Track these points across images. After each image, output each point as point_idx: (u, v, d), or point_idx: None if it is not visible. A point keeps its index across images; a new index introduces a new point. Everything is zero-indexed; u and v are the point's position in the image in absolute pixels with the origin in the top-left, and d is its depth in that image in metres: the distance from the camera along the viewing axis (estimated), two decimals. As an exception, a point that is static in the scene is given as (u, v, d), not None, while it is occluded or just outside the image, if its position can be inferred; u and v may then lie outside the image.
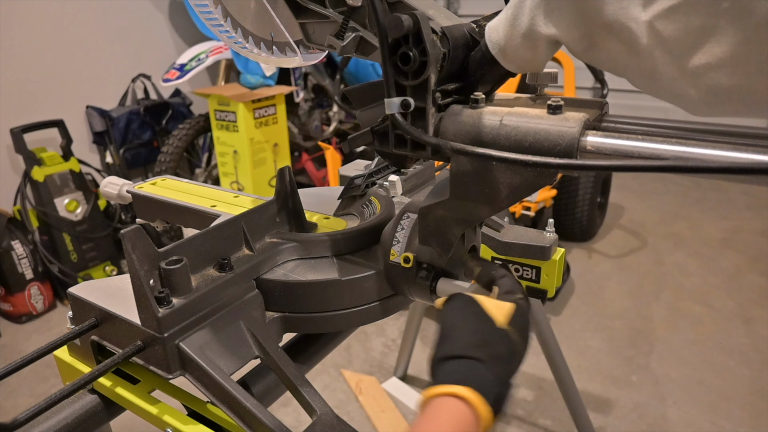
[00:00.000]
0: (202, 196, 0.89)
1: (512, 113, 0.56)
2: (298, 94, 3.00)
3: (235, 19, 0.75)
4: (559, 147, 0.52)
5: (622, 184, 3.71)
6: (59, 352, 0.70)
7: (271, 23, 0.74)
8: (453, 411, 0.42)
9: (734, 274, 2.65)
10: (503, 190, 0.56)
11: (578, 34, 0.51)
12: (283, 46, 0.76)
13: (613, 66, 0.52)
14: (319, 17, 0.69)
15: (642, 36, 0.47)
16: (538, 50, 0.55)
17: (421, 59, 0.56)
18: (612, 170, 0.50)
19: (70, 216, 2.61)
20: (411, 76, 0.58)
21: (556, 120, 0.53)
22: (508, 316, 0.50)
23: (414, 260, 0.67)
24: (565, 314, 2.40)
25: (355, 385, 2.00)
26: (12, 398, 2.01)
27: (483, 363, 0.45)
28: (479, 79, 0.61)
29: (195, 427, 0.58)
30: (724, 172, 0.42)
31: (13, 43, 2.61)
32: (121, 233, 0.54)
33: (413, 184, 0.91)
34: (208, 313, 0.60)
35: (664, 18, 0.45)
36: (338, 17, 0.67)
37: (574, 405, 1.58)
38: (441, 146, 0.56)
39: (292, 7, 0.71)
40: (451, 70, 0.60)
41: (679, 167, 0.44)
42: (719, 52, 0.44)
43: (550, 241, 0.95)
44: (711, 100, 0.47)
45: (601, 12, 0.48)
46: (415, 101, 0.58)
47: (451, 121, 0.59)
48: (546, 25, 0.52)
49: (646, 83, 0.51)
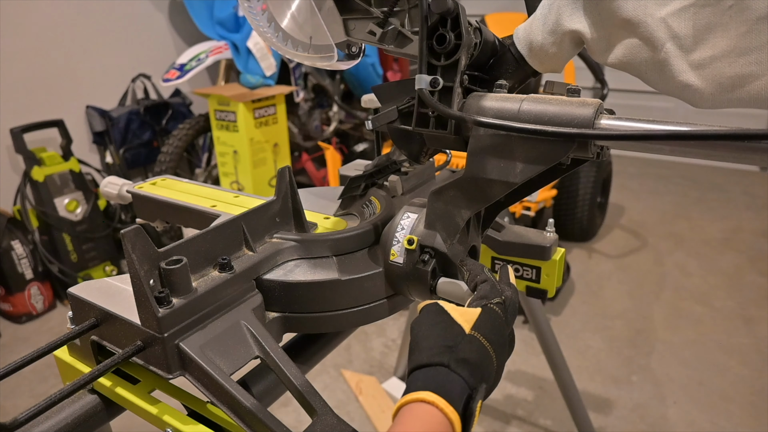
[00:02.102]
0: (202, 196, 0.89)
1: (531, 98, 0.60)
2: (298, 94, 3.00)
3: (273, 16, 0.77)
4: (576, 121, 0.56)
5: (622, 184, 3.71)
6: (59, 352, 0.70)
7: (311, 23, 0.76)
8: (420, 415, 0.44)
9: (734, 274, 2.66)
10: (519, 165, 0.59)
11: (599, 34, 0.58)
12: (320, 47, 0.77)
13: (629, 60, 0.57)
14: (363, 14, 0.73)
15: (656, 30, 0.53)
16: (562, 46, 0.61)
17: (456, 42, 0.61)
18: (628, 139, 0.53)
19: (70, 216, 2.61)
20: (443, 57, 0.62)
21: (574, 101, 0.57)
22: (472, 322, 0.51)
23: (418, 243, 0.67)
24: (565, 314, 2.40)
25: (355, 385, 2.00)
26: (12, 398, 2.02)
27: (448, 367, 0.47)
28: (503, 78, 0.66)
29: (195, 427, 0.58)
30: (732, 139, 0.47)
31: (13, 43, 2.61)
32: (121, 233, 0.54)
33: (413, 184, 0.91)
34: (208, 313, 0.60)
35: (676, 16, 0.52)
36: (380, 15, 0.71)
37: (574, 405, 1.58)
38: (464, 118, 0.60)
39: (338, 3, 0.74)
40: (480, 60, 0.65)
41: (691, 134, 0.49)
42: (723, 45, 0.51)
43: (550, 241, 0.95)
44: (716, 90, 0.53)
45: (621, 9, 0.54)
46: (444, 82, 0.62)
47: (474, 102, 0.63)
48: (571, 20, 0.59)
49: (657, 77, 0.56)
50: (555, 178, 0.68)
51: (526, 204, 2.49)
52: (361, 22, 0.73)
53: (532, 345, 2.12)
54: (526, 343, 2.16)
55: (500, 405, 1.91)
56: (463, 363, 0.47)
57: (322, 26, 0.73)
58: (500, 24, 2.73)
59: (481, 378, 0.48)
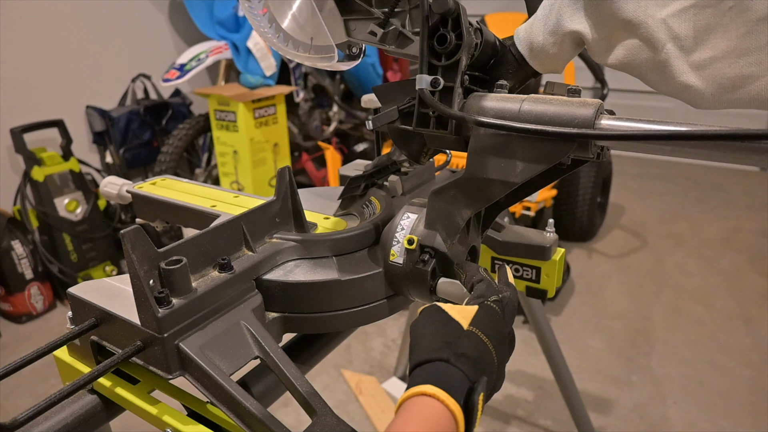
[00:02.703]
0: (202, 196, 0.89)
1: (532, 98, 0.60)
2: (298, 94, 3.00)
3: (274, 17, 0.76)
4: (577, 121, 0.56)
5: (622, 184, 3.71)
6: (59, 352, 0.70)
7: (312, 23, 0.76)
8: (421, 408, 0.44)
9: (734, 274, 2.65)
10: (519, 165, 0.59)
11: (599, 35, 0.58)
12: (321, 48, 0.77)
13: (630, 61, 0.57)
14: (364, 14, 0.73)
15: (657, 31, 0.53)
16: (563, 47, 0.61)
17: (457, 42, 0.61)
18: (628, 139, 0.53)
19: (70, 216, 2.61)
20: (444, 57, 0.62)
21: (574, 102, 0.57)
22: (470, 318, 0.52)
23: (418, 243, 0.67)
24: (565, 314, 2.40)
25: (355, 385, 2.00)
26: (12, 398, 2.02)
27: (448, 362, 0.47)
28: (504, 79, 0.66)
29: (195, 427, 0.58)
30: (734, 139, 0.47)
31: (13, 43, 2.61)
32: (121, 233, 0.54)
33: (413, 184, 0.91)
34: (208, 313, 0.60)
35: (677, 17, 0.52)
36: (381, 15, 0.71)
37: (575, 405, 1.58)
38: (465, 118, 0.60)
39: (339, 3, 0.74)
40: (480, 61, 0.65)
41: (692, 134, 0.49)
42: (724, 45, 0.51)
43: (550, 241, 0.95)
44: (716, 91, 0.53)
45: (622, 10, 0.54)
46: (445, 82, 0.62)
47: (475, 102, 0.63)
48: (571, 21, 0.58)
49: (658, 77, 0.56)
50: (555, 178, 0.68)
51: (526, 204, 2.49)
52: (362, 23, 0.73)
53: (532, 345, 2.12)
54: (526, 343, 2.16)
55: (500, 405, 1.91)
56: (463, 357, 0.48)
57: (322, 27, 0.73)
58: (500, 24, 2.73)
59: (481, 371, 0.48)
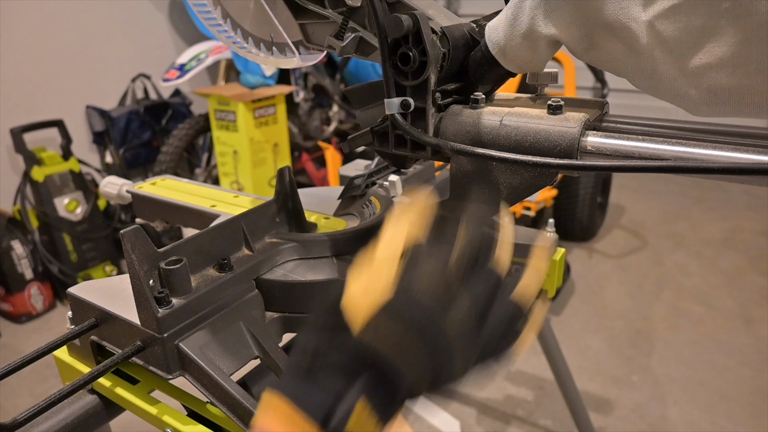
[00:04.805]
0: (202, 196, 0.89)
1: (512, 113, 0.56)
2: (298, 94, 3.00)
3: (234, 20, 0.75)
4: (560, 147, 0.52)
5: (622, 184, 3.71)
6: (59, 352, 0.70)
7: (270, 24, 0.74)
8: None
9: (735, 274, 2.65)
10: (503, 191, 0.56)
11: (578, 34, 0.51)
12: (283, 46, 0.76)
13: (613, 66, 0.52)
14: (319, 18, 0.69)
15: (642, 36, 0.46)
16: (538, 50, 0.54)
17: (421, 59, 0.56)
18: (612, 170, 0.50)
19: (70, 216, 2.61)
20: (411, 77, 0.58)
21: (556, 120, 0.53)
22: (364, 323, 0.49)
23: None
24: (565, 314, 2.40)
25: (355, 385, 1.99)
26: (12, 398, 2.01)
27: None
28: (479, 79, 0.61)
29: (195, 427, 0.58)
30: (724, 173, 0.42)
31: (13, 43, 2.61)
32: (121, 233, 0.54)
33: (413, 184, 0.91)
34: (207, 313, 0.60)
35: (664, 18, 0.45)
36: (338, 18, 0.67)
37: (575, 405, 1.58)
38: (441, 146, 0.56)
39: (291, 7, 0.71)
40: (451, 70, 0.60)
41: (678, 167, 0.44)
42: (720, 52, 0.44)
43: (550, 241, 0.95)
44: (711, 101, 0.47)
45: (601, 12, 0.48)
46: (415, 101, 0.58)
47: (451, 121, 0.59)
48: (546, 25, 0.51)
49: (647, 83, 0.51)
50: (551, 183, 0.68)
51: (526, 204, 2.49)
52: (319, 26, 0.70)
53: (532, 345, 2.12)
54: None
55: (500, 405, 1.91)
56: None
57: (277, 26, 0.71)
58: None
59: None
